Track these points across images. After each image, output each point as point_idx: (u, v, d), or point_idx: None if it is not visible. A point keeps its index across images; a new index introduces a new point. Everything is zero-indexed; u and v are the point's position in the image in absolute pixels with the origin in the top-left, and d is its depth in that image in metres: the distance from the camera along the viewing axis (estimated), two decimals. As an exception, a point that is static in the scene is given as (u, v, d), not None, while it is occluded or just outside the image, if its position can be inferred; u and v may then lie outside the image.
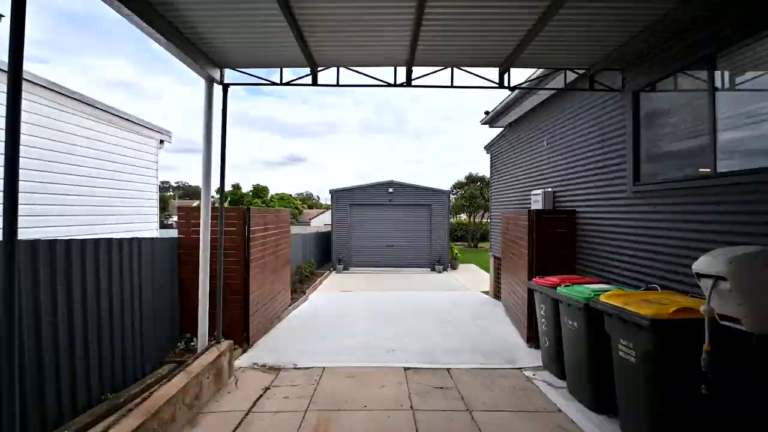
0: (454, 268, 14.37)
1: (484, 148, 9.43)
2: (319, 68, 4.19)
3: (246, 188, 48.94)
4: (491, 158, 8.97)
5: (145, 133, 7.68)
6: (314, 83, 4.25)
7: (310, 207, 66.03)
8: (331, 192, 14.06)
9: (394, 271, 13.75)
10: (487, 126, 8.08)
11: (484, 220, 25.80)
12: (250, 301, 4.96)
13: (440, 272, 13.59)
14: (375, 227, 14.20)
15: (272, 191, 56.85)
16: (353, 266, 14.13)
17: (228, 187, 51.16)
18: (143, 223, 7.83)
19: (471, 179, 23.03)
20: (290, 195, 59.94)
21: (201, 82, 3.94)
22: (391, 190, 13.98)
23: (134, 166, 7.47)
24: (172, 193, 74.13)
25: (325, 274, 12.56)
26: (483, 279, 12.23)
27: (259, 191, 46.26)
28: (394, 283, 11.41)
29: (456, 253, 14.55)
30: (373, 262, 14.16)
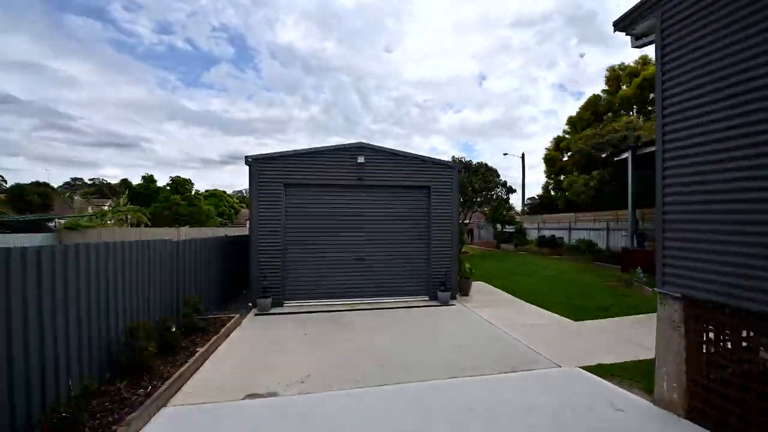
0: (464, 293, 8.64)
1: (616, 25, 3.81)
2: None
3: (163, 182, 39.04)
4: (666, 36, 3.32)
5: None
6: None
7: (249, 206, 56.78)
8: (249, 162, 7.51)
9: (369, 305, 7.60)
10: None
11: (465, 221, 20.79)
12: None
13: (448, 304, 7.75)
14: (333, 227, 7.93)
15: (212, 190, 47.06)
16: (291, 299, 7.70)
17: (137, 180, 40.77)
18: None
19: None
20: (224, 192, 50.58)
21: None
22: (361, 159, 7.82)
23: None
24: (69, 193, 59.47)
25: (231, 323, 6.00)
26: (539, 321, 6.56)
27: (179, 185, 36.91)
28: (377, 343, 5.27)
29: (468, 269, 8.83)
30: (328, 291, 7.86)
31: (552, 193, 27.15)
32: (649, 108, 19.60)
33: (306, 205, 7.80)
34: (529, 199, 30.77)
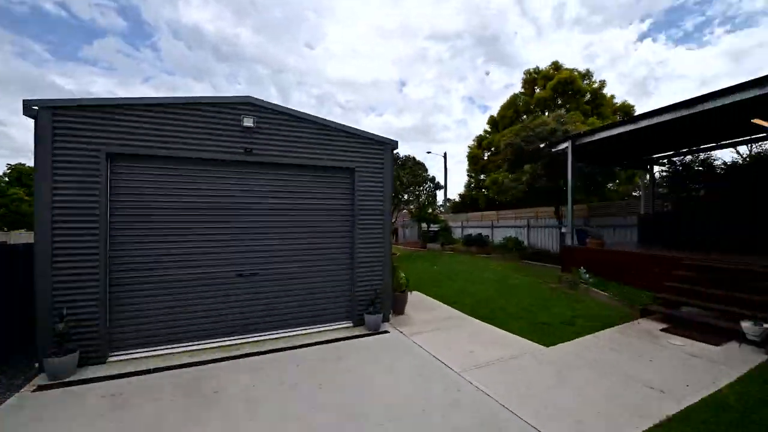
0: (398, 311, 6.57)
1: None
2: None
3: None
4: None
5: None
6: None
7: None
8: (35, 111, 4.22)
9: (259, 346, 4.96)
10: None
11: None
12: None
13: (380, 332, 5.57)
14: (201, 226, 5.05)
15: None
16: (123, 348, 4.61)
17: (-47, 168, 29.69)
18: None
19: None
20: (99, 187, 40.70)
21: None
22: (249, 122, 5.13)
23: None
24: None
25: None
26: (504, 351, 4.71)
27: (24, 175, 27.87)
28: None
29: (404, 279, 6.77)
30: (193, 330, 4.96)
31: (474, 192, 27.44)
32: (561, 110, 20.57)
33: (151, 190, 4.78)
34: (446, 199, 30.90)
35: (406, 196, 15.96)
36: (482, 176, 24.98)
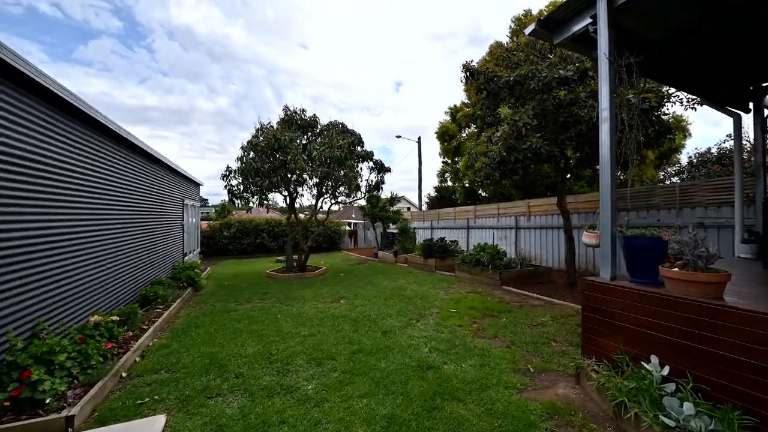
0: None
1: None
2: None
3: None
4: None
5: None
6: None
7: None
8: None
9: None
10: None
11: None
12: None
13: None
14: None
15: None
16: None
17: None
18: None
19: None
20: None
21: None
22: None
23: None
24: None
25: None
26: None
27: None
28: None
29: None
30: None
31: (452, 183, 21.63)
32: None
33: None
34: (420, 194, 25.12)
35: (316, 179, 10.11)
36: (458, 165, 19.16)
